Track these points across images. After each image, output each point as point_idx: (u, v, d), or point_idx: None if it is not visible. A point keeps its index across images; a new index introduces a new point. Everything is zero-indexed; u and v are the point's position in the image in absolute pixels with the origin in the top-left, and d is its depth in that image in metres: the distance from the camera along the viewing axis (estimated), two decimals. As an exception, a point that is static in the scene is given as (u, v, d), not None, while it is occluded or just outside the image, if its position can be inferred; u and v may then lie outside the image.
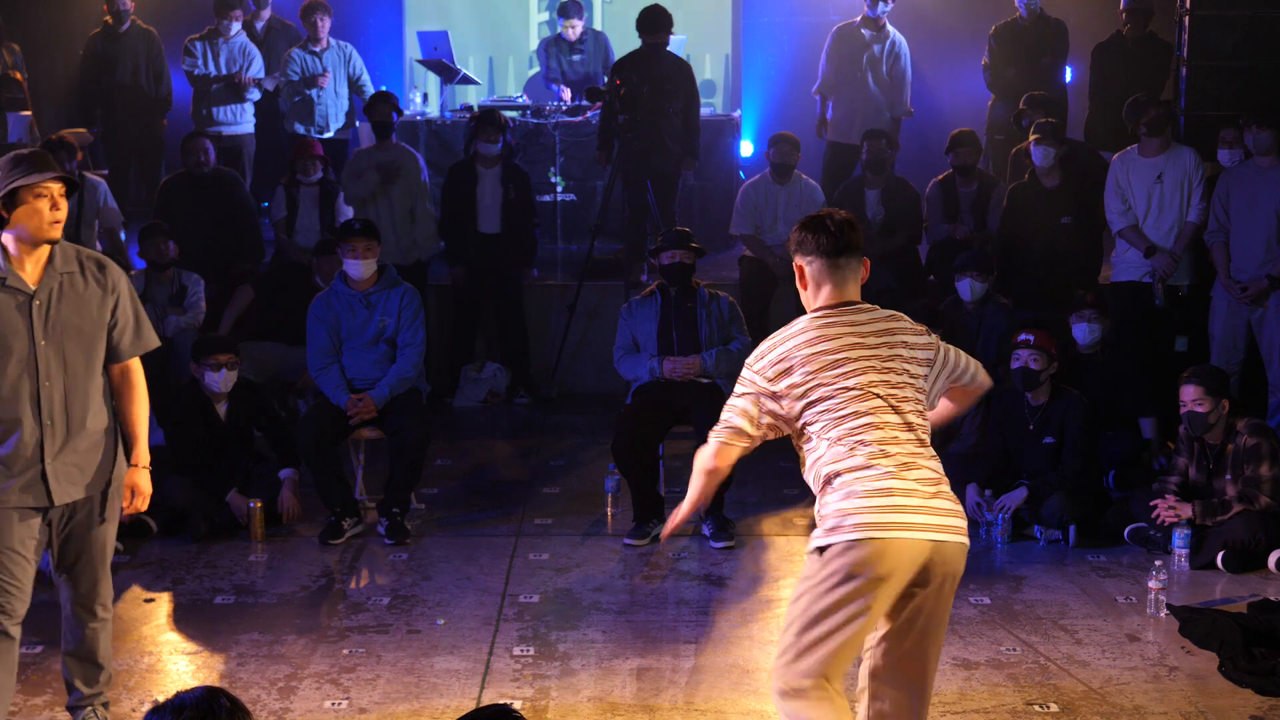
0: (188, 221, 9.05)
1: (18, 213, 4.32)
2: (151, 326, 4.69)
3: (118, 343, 4.55)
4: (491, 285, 9.32)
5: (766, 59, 12.58)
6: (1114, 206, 8.27)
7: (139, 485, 4.66)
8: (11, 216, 4.32)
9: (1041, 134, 8.38)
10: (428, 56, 11.47)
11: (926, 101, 11.31)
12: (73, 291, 4.44)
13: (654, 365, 7.04)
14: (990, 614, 5.92)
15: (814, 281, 4.03)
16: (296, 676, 5.28)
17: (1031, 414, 6.99)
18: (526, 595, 6.14)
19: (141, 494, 4.67)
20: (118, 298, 4.53)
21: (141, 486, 4.67)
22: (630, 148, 9.26)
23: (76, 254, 4.49)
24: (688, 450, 7.51)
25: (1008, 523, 6.78)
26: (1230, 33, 9.34)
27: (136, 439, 4.65)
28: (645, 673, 5.33)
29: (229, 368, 6.97)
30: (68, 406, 4.44)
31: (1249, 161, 7.97)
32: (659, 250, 7.20)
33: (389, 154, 9.37)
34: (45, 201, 4.33)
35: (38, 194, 4.32)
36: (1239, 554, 6.39)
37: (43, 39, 11.52)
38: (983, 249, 8.75)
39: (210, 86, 10.70)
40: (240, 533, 6.86)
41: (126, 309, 4.55)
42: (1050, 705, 5.07)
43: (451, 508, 7.38)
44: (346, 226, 7.26)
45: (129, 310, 4.56)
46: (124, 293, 4.55)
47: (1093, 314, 7.53)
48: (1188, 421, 6.58)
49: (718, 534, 6.75)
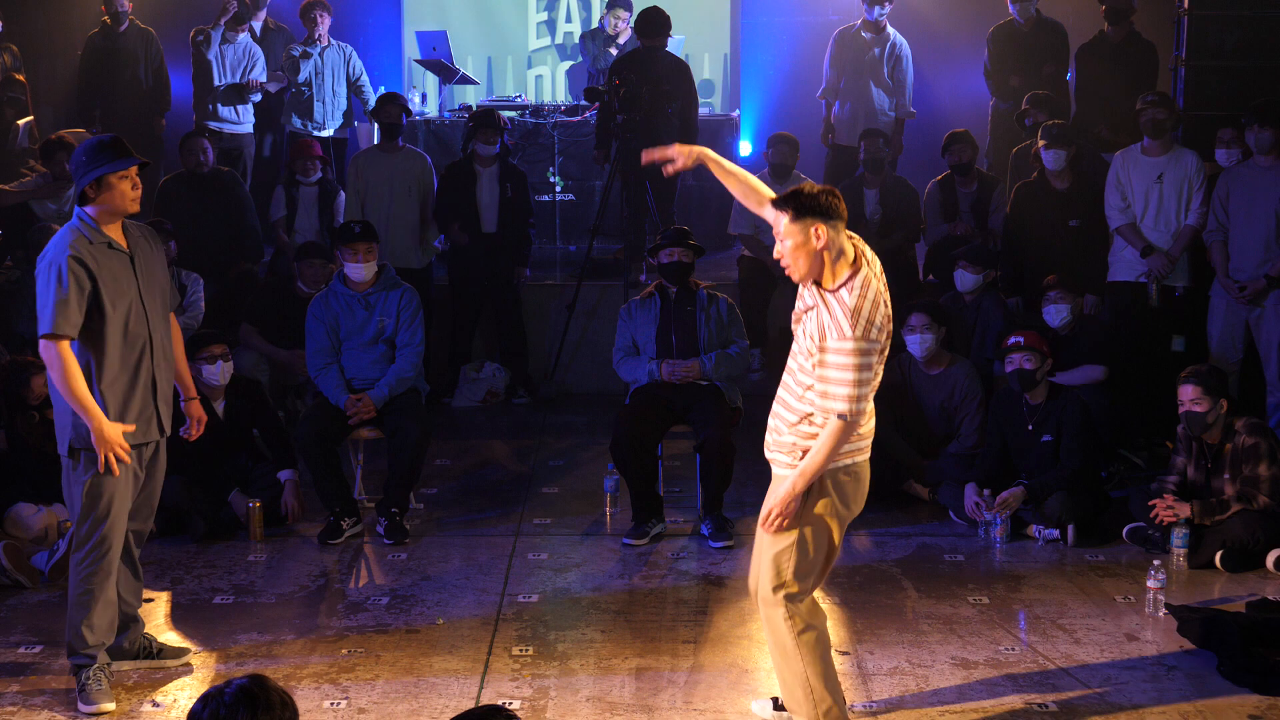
0: (187, 221, 9.06)
1: (103, 194, 4.98)
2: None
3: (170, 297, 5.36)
4: (489, 285, 9.33)
5: (765, 59, 12.59)
6: (1113, 202, 8.28)
7: (198, 413, 5.51)
8: (98, 196, 4.98)
9: (1050, 138, 8.37)
10: (426, 56, 11.48)
11: (927, 102, 11.32)
12: (148, 251, 5.18)
13: (653, 368, 7.04)
14: (989, 613, 5.92)
15: (834, 244, 4.44)
16: (295, 676, 5.29)
17: (1030, 413, 6.99)
18: (525, 595, 6.15)
19: (203, 418, 5.53)
20: (166, 259, 5.34)
21: (201, 413, 5.52)
22: (629, 148, 9.26)
23: (134, 224, 5.20)
24: (686, 450, 7.56)
25: (1006, 522, 6.79)
26: (1229, 33, 9.34)
27: (186, 375, 5.50)
28: (644, 672, 5.34)
29: (224, 359, 6.98)
30: (165, 351, 5.20)
31: (1249, 161, 7.97)
32: (657, 249, 7.20)
33: (398, 157, 9.34)
34: (128, 182, 5.01)
35: (121, 176, 4.99)
36: (1237, 553, 6.39)
37: (42, 40, 11.51)
38: (982, 243, 8.76)
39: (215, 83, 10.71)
40: (239, 532, 6.86)
41: (168, 269, 5.35)
42: (1049, 705, 5.08)
43: (450, 507, 7.38)
44: (346, 229, 7.25)
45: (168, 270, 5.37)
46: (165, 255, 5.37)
47: (1058, 294, 7.68)
48: (1186, 421, 6.58)
49: (717, 534, 6.76)
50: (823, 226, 4.44)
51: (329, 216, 9.68)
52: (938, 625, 5.79)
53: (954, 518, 7.09)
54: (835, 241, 4.45)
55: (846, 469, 4.56)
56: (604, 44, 11.56)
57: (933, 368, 7.44)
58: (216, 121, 10.71)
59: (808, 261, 4.46)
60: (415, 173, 9.29)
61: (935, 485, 7.28)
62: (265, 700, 2.97)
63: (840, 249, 4.46)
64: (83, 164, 4.97)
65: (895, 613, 5.93)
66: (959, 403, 7.39)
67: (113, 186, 4.96)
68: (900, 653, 5.51)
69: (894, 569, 6.47)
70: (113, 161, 4.94)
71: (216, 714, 2.96)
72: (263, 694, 2.98)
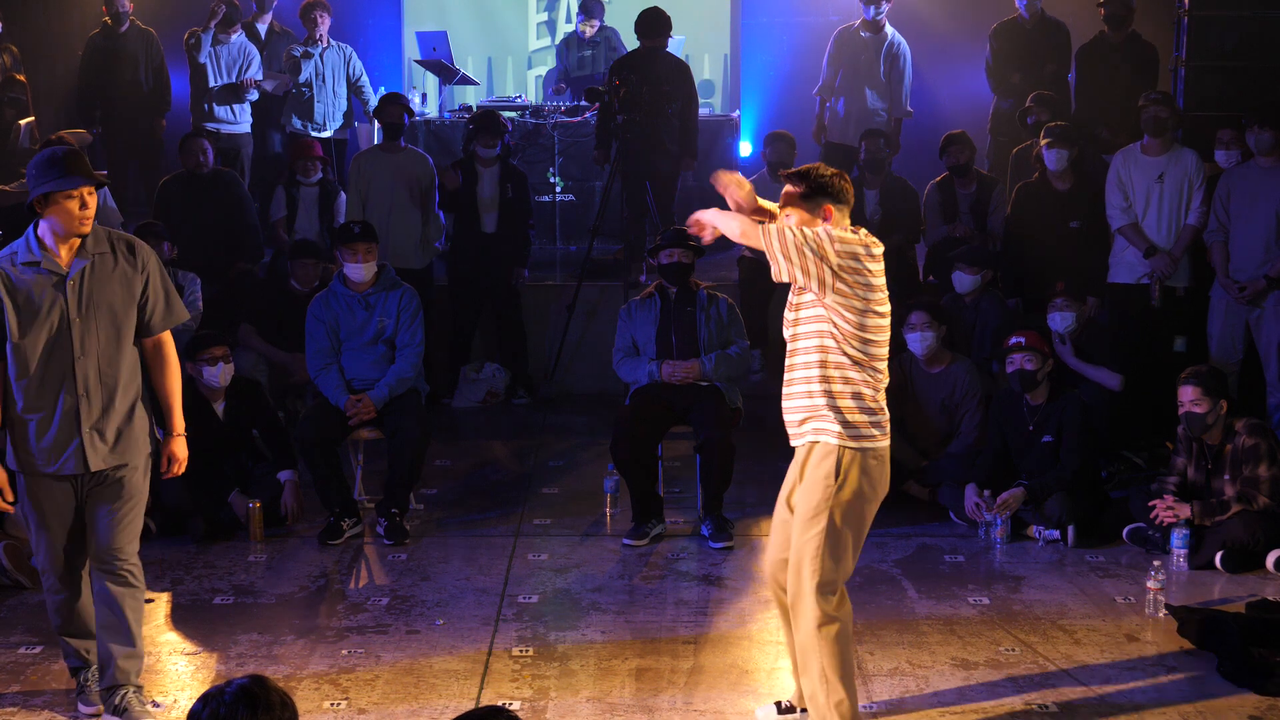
0: (187, 221, 9.06)
1: (50, 211, 4.67)
2: (181, 301, 4.99)
3: (150, 318, 4.87)
4: (489, 285, 9.33)
5: (765, 59, 12.58)
6: (1115, 202, 8.27)
7: (175, 453, 5.00)
8: (45, 213, 4.69)
9: (1054, 138, 8.37)
10: (426, 57, 11.48)
11: (927, 102, 11.32)
12: (104, 270, 4.76)
13: (653, 369, 7.04)
14: (989, 614, 5.92)
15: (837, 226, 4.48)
16: (295, 677, 5.29)
17: (1030, 414, 7.00)
18: (525, 595, 6.14)
19: (178, 460, 5.01)
20: (148, 276, 4.84)
21: (178, 454, 5.01)
22: (629, 148, 9.26)
23: (108, 235, 4.82)
24: (686, 451, 7.56)
25: (1007, 523, 6.79)
26: (1229, 33, 9.35)
27: (172, 408, 4.99)
28: (644, 673, 5.34)
29: (225, 360, 6.98)
30: (102, 378, 4.76)
31: (1251, 161, 7.97)
32: (657, 249, 7.20)
33: (400, 157, 9.34)
34: (75, 203, 4.67)
35: (68, 195, 4.65)
36: (1237, 554, 6.39)
37: (42, 40, 11.51)
38: (980, 244, 8.76)
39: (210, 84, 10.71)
40: (239, 533, 6.86)
41: (157, 285, 4.87)
42: (1049, 705, 5.08)
43: (450, 508, 7.38)
44: (346, 229, 7.25)
45: (159, 287, 4.87)
46: (153, 270, 4.87)
47: (1064, 302, 7.69)
48: (1186, 422, 6.58)
49: (716, 534, 6.76)
50: (831, 208, 4.48)
51: (329, 217, 9.68)
52: (938, 626, 5.79)
53: (954, 518, 7.09)
54: (841, 224, 4.51)
55: (875, 453, 4.58)
56: (578, 47, 11.61)
57: (934, 366, 7.45)
58: (213, 122, 10.70)
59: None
60: (417, 173, 9.29)
61: (935, 486, 7.28)
62: (265, 700, 2.97)
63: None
64: (33, 176, 4.68)
65: (895, 613, 5.93)
66: (960, 400, 7.39)
67: (59, 205, 4.64)
68: (900, 653, 5.51)
69: (894, 569, 6.47)
70: (58, 179, 4.62)
71: (216, 713, 2.97)
72: (263, 694, 2.98)
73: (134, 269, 4.81)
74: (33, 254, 4.71)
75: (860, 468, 4.56)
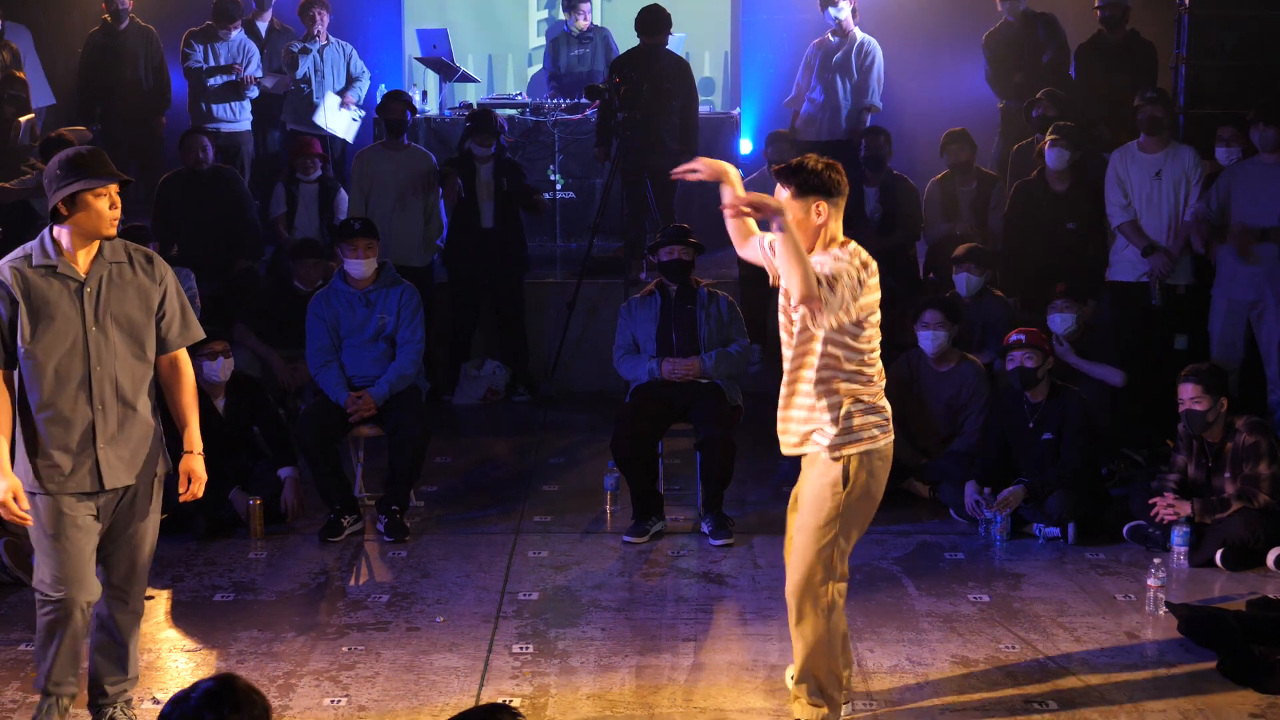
0: (187, 219, 9.06)
1: (78, 213, 4.45)
2: (196, 319, 4.80)
3: (166, 334, 4.68)
4: (489, 282, 9.33)
5: (766, 57, 12.57)
6: (1114, 199, 8.26)
7: (195, 471, 4.79)
8: (71, 214, 4.45)
9: (1059, 135, 8.36)
10: (427, 54, 11.48)
11: (927, 102, 11.31)
12: (121, 281, 4.57)
13: (653, 367, 7.04)
14: (989, 611, 5.92)
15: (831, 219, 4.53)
16: (296, 674, 5.29)
17: (1031, 411, 7.00)
18: (526, 593, 6.15)
19: (198, 479, 4.80)
20: (165, 290, 4.66)
21: (197, 472, 4.79)
22: (629, 145, 9.26)
23: (125, 247, 4.62)
24: (687, 448, 7.55)
25: (1007, 520, 6.79)
26: (1229, 32, 9.34)
27: (189, 425, 4.79)
28: (644, 670, 5.34)
29: (225, 355, 6.99)
30: (119, 392, 4.57)
31: (1254, 158, 7.96)
32: (657, 247, 7.20)
33: (403, 154, 9.33)
34: (104, 201, 4.46)
35: (97, 194, 4.44)
36: (1238, 552, 6.39)
37: (42, 38, 11.50)
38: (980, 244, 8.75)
39: (207, 81, 10.70)
40: (240, 530, 6.86)
41: (173, 301, 4.68)
42: (1049, 703, 5.08)
43: (451, 505, 7.38)
44: (346, 226, 7.25)
45: (175, 302, 4.69)
46: (170, 285, 4.68)
47: (1064, 303, 7.71)
48: (1186, 420, 6.58)
49: (717, 531, 6.76)
50: (824, 204, 4.48)
51: (329, 214, 9.67)
52: (938, 623, 5.79)
53: (954, 516, 7.09)
54: (835, 218, 4.54)
55: (879, 453, 4.65)
56: (572, 45, 11.59)
57: (942, 364, 7.45)
58: (212, 121, 10.69)
59: (806, 238, 4.49)
60: (419, 170, 9.28)
61: (936, 483, 7.28)
62: (232, 700, 2.92)
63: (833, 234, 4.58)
64: (57, 177, 4.41)
65: (895, 611, 5.93)
66: (966, 400, 7.39)
67: (88, 205, 4.42)
68: (900, 650, 5.51)
69: (894, 567, 6.47)
70: (90, 178, 4.39)
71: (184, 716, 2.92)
72: (229, 693, 2.93)
73: (152, 281, 4.62)
74: (48, 257, 4.48)
75: (867, 470, 4.62)
